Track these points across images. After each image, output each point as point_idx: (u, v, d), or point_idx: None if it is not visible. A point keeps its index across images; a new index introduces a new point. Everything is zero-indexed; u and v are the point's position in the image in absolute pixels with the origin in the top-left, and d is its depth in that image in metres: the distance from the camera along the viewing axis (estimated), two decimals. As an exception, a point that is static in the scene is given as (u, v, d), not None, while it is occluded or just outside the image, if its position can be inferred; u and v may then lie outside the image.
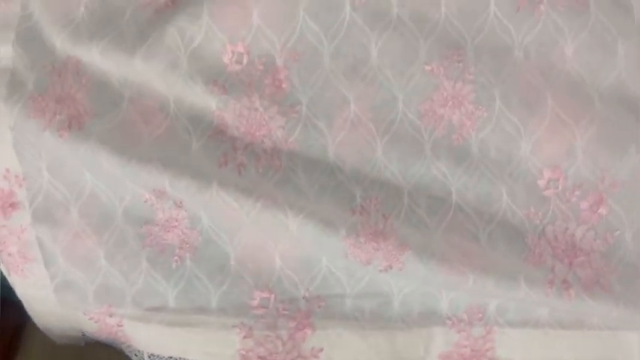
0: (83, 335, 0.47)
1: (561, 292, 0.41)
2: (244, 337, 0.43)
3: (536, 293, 0.41)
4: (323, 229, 0.40)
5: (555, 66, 0.43)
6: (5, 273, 0.45)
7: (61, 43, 0.43)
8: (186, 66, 0.42)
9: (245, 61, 0.43)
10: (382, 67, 0.43)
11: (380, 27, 0.43)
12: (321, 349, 0.44)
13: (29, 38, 0.43)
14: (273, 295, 0.43)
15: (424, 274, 0.41)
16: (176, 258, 0.44)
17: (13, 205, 0.44)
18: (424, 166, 0.43)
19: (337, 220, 0.41)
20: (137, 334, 0.45)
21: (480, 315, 0.43)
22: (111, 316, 0.45)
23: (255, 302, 0.43)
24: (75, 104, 0.42)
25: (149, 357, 0.46)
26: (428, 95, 0.43)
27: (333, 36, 0.43)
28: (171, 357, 0.45)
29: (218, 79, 0.42)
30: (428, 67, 0.43)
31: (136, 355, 0.46)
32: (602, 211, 0.43)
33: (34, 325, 0.47)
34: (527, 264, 0.42)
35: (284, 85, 0.43)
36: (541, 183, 0.43)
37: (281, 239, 0.42)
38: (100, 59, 0.42)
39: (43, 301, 0.45)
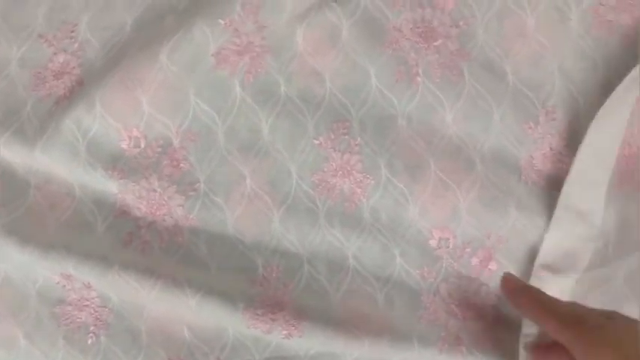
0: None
1: (453, 348, 0.43)
2: (161, 406, 0.45)
3: (429, 352, 0.43)
4: (221, 305, 0.42)
5: (437, 132, 0.45)
6: None
7: None
8: (85, 154, 0.44)
9: (143, 144, 0.45)
10: (274, 142, 0.45)
11: (269, 105, 0.45)
12: (234, 415, 0.45)
13: None
14: (185, 366, 0.45)
15: (322, 340, 0.42)
16: (91, 335, 0.45)
17: None
18: (320, 233, 0.45)
19: (236, 293, 0.43)
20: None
21: (383, 372, 0.45)
22: (34, 391, 0.46)
23: (169, 373, 0.45)
24: None
25: None
26: (319, 167, 0.45)
27: (226, 115, 0.45)
28: None
29: (117, 164, 0.44)
30: (316, 141, 0.45)
31: None
32: (492, 266, 0.45)
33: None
34: (423, 322, 0.44)
35: (182, 165, 0.45)
36: (433, 243, 0.45)
37: (185, 313, 0.44)
38: (4, 151, 0.44)
39: None
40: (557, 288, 0.44)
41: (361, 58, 0.45)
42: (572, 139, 0.44)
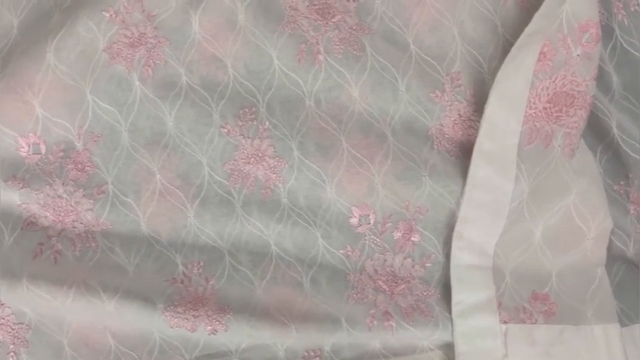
0: None
1: (382, 324, 0.42)
2: (90, 423, 0.43)
3: (359, 330, 0.42)
4: (140, 306, 0.41)
5: (346, 109, 0.45)
6: None
7: None
8: None
9: (43, 150, 0.43)
10: (180, 135, 0.44)
11: (171, 97, 0.43)
12: (168, 423, 0.44)
13: None
14: (114, 375, 0.43)
15: (248, 331, 0.41)
16: (11, 354, 0.43)
17: None
18: (238, 224, 0.44)
19: (154, 293, 0.41)
20: None
21: (317, 358, 0.44)
22: (-42, 422, 0.44)
23: (99, 385, 0.43)
24: None
25: None
26: (230, 156, 0.44)
27: (128, 112, 0.43)
28: None
29: (17, 174, 0.42)
30: (224, 130, 0.44)
31: None
32: (415, 238, 0.45)
33: None
34: (350, 302, 0.43)
35: (87, 168, 0.43)
36: (353, 221, 0.44)
37: (107, 320, 0.43)
38: None
39: None
40: (477, 256, 0.44)
41: (261, 41, 0.44)
42: (480, 104, 0.44)
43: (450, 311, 0.43)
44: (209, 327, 0.41)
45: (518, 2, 0.46)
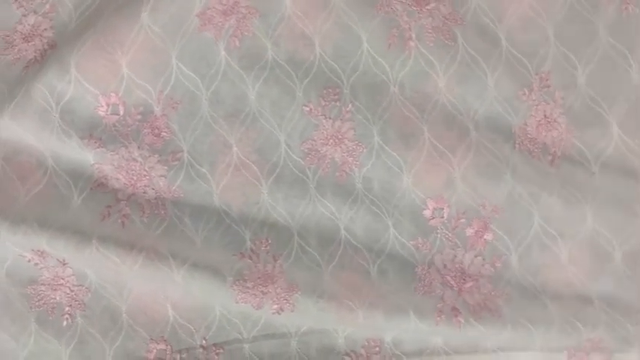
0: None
1: (450, 319, 0.41)
2: (142, 392, 0.42)
3: (426, 323, 0.41)
4: (209, 278, 0.40)
5: (430, 99, 0.44)
6: None
7: None
8: (58, 121, 0.41)
9: (121, 111, 0.42)
10: (261, 109, 0.43)
11: (256, 70, 0.43)
12: (221, 397, 0.43)
13: None
14: (169, 347, 0.42)
15: (315, 313, 0.41)
16: (66, 316, 0.42)
17: None
18: (310, 204, 0.43)
19: (223, 266, 0.41)
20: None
21: (377, 349, 0.43)
22: (4, 380, 0.43)
23: (152, 355, 0.42)
24: None
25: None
26: (309, 135, 0.43)
27: (210, 81, 0.43)
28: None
29: (94, 132, 0.42)
30: (306, 108, 0.43)
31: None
32: (488, 236, 0.44)
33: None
34: (418, 294, 0.43)
35: (163, 133, 0.42)
36: (426, 213, 0.44)
37: (170, 290, 0.42)
38: None
39: None
40: None
41: (353, 22, 0.43)
42: (568, 107, 0.44)
43: (519, 313, 0.42)
44: (275, 305, 0.41)
45: (621, 6, 0.45)
